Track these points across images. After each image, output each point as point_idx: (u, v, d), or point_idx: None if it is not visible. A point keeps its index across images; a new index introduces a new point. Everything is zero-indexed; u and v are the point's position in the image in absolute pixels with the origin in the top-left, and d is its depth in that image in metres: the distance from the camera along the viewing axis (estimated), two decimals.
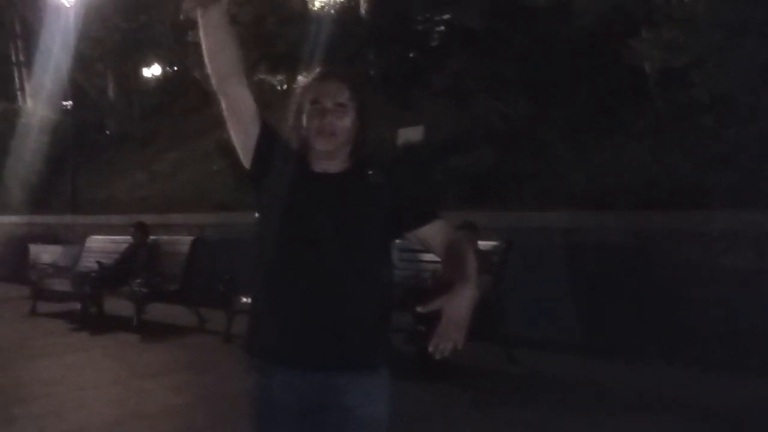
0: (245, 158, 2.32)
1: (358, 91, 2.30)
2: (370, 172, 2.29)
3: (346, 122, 2.25)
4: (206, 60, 2.28)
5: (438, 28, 14.02)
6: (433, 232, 2.34)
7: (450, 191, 8.75)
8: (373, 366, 2.25)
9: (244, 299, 7.55)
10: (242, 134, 2.31)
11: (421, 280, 6.71)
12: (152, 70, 23.53)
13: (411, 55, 13.71)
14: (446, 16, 13.62)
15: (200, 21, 2.24)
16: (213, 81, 2.29)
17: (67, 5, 14.33)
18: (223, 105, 2.31)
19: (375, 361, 2.26)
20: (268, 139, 2.30)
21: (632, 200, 7.37)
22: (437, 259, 2.45)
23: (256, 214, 2.34)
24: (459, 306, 2.04)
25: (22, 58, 21.90)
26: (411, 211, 2.31)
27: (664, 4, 8.41)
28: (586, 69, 9.40)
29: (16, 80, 22.29)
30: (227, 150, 12.97)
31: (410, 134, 10.88)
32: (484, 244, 6.76)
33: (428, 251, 2.43)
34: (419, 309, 2.09)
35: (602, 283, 7.10)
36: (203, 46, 2.27)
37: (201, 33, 2.25)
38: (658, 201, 7.16)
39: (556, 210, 7.80)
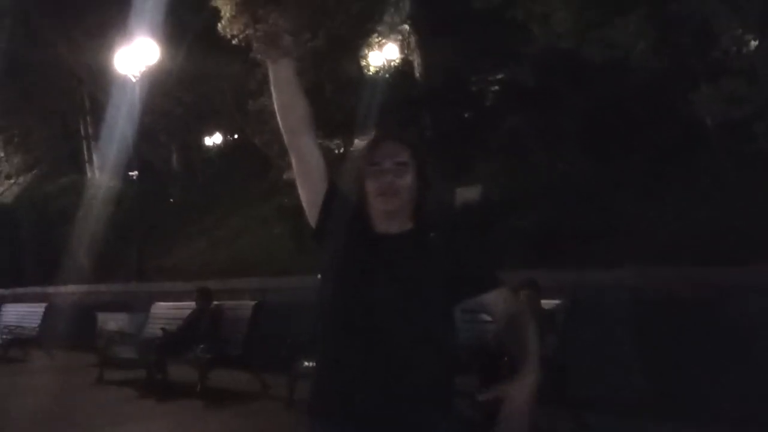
0: (311, 216, 2.33)
1: (417, 150, 2.32)
2: (432, 234, 2.27)
3: (407, 180, 2.25)
4: (278, 116, 2.35)
5: (492, 88, 14.14)
6: (494, 299, 2.31)
7: (511, 250, 8.67)
8: (431, 424, 2.19)
9: (306, 363, 7.53)
10: (311, 191, 2.33)
11: (484, 342, 6.60)
12: (213, 139, 24.22)
13: (466, 115, 13.81)
14: (500, 76, 13.73)
15: (271, 76, 2.33)
16: (285, 137, 2.35)
17: (133, 80, 14.88)
18: (294, 161, 2.35)
19: (435, 418, 2.20)
20: (334, 198, 2.32)
21: (699, 255, 7.19)
22: None
23: (318, 276, 2.34)
24: (521, 395, 2.01)
25: (90, 131, 22.75)
26: (471, 278, 2.28)
27: (723, 57, 8.34)
28: (646, 124, 9.31)
29: (85, 153, 23.12)
30: (287, 215, 13.18)
31: (468, 193, 10.87)
32: (547, 303, 6.64)
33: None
34: (480, 398, 2.05)
35: (672, 341, 6.88)
36: (275, 102, 2.35)
37: (272, 88, 2.34)
38: (726, 255, 6.97)
39: (621, 266, 7.65)
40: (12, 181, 24.36)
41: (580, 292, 6.90)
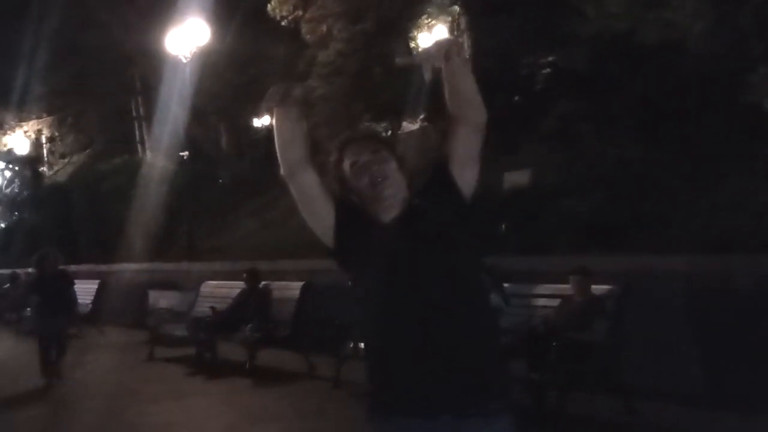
0: (326, 238, 2.43)
1: (383, 141, 2.49)
2: (416, 201, 2.39)
3: (391, 166, 2.39)
4: (279, 151, 2.44)
5: (544, 71, 13.92)
6: (453, 149, 2.40)
7: (561, 235, 8.56)
8: (493, 411, 2.22)
9: (352, 345, 7.57)
10: (319, 220, 2.43)
11: (532, 327, 6.54)
12: (262, 121, 24.36)
13: (516, 99, 13.64)
14: (552, 58, 13.52)
15: (276, 116, 2.41)
16: (284, 170, 2.44)
17: (184, 61, 15.02)
18: (295, 194, 2.45)
19: (494, 405, 2.23)
20: (344, 214, 2.42)
21: (756, 243, 7.01)
22: (550, 304, 2.44)
23: (350, 282, 2.43)
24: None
25: (142, 112, 23.08)
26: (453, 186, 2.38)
27: None
28: (702, 108, 9.09)
29: (137, 134, 23.48)
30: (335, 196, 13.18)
31: (517, 178, 10.76)
32: (598, 289, 6.56)
33: (456, 142, 2.43)
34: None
35: (726, 331, 6.73)
36: (276, 138, 2.43)
37: (276, 128, 2.43)
38: None
39: (676, 254, 7.49)
40: (66, 160, 24.88)
41: (632, 279, 6.78)
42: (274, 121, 2.42)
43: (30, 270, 9.84)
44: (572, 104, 10.63)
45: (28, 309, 9.94)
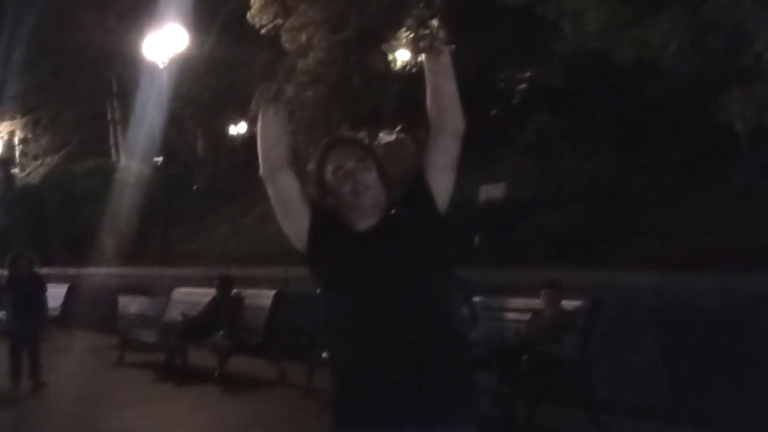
0: (299, 242, 2.42)
1: (369, 149, 2.46)
2: (393, 211, 2.38)
3: (373, 175, 2.37)
4: (261, 150, 2.41)
5: (520, 86, 14.04)
6: (431, 158, 2.41)
7: (534, 249, 8.64)
8: (459, 421, 2.24)
9: (324, 354, 7.56)
10: (293, 220, 2.41)
11: (504, 339, 6.59)
12: (239, 128, 24.30)
13: (493, 112, 13.74)
14: (528, 74, 13.64)
15: (262, 115, 2.39)
16: (263, 170, 2.42)
17: (161, 66, 14.97)
18: (272, 194, 2.42)
19: (461, 415, 2.25)
20: (319, 219, 2.41)
21: (726, 261, 7.11)
22: (521, 318, 2.47)
23: (318, 290, 2.41)
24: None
25: (117, 115, 22.91)
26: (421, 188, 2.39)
27: (755, 61, 8.23)
28: (675, 127, 9.22)
29: (111, 137, 23.29)
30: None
31: (492, 191, 10.83)
32: (569, 304, 6.62)
33: (437, 150, 2.44)
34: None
35: (694, 347, 6.83)
36: (259, 138, 2.41)
37: (260, 126, 2.40)
38: (752, 262, 6.89)
39: (647, 269, 7.58)
40: (39, 162, 24.61)
41: (603, 293, 6.85)
42: (260, 120, 2.40)
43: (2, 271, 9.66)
44: (548, 119, 10.73)
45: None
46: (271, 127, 2.40)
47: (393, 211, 2.38)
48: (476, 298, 6.96)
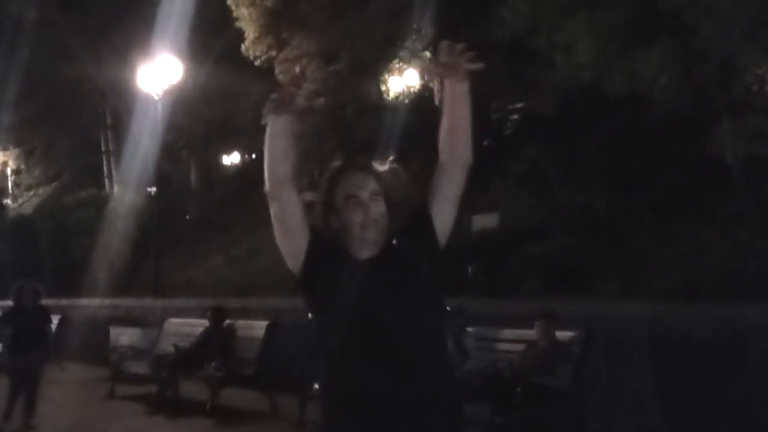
0: (294, 263, 2.38)
1: (381, 178, 2.42)
2: (394, 242, 2.37)
3: (382, 208, 2.36)
4: (267, 165, 2.38)
5: (512, 117, 14.13)
6: (436, 189, 2.41)
7: (527, 279, 8.63)
8: None
9: (317, 386, 7.51)
10: (293, 242, 2.38)
11: (497, 370, 6.55)
12: (232, 158, 24.36)
13: (485, 142, 13.80)
14: (520, 105, 13.73)
15: (270, 126, 2.35)
16: (269, 185, 2.38)
17: (156, 97, 15.02)
18: (276, 212, 2.39)
19: None
20: (318, 243, 2.38)
21: (718, 292, 7.12)
22: (514, 349, 2.47)
23: (310, 315, 2.39)
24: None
25: (111, 146, 22.95)
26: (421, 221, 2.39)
27: (745, 93, 8.31)
28: (667, 157, 9.28)
29: (105, 168, 23.31)
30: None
31: (485, 221, 10.85)
32: (562, 335, 6.59)
33: (441, 183, 2.45)
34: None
35: (688, 379, 6.80)
36: (267, 151, 2.37)
37: (268, 137, 2.37)
38: (745, 293, 6.89)
39: (639, 301, 7.58)
40: (32, 192, 24.58)
41: (596, 324, 6.84)
42: (268, 131, 2.36)
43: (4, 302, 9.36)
44: (540, 150, 10.78)
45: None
46: (279, 140, 2.36)
47: (394, 242, 2.36)
48: (469, 329, 6.94)
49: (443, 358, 2.36)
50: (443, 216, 2.40)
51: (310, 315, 2.39)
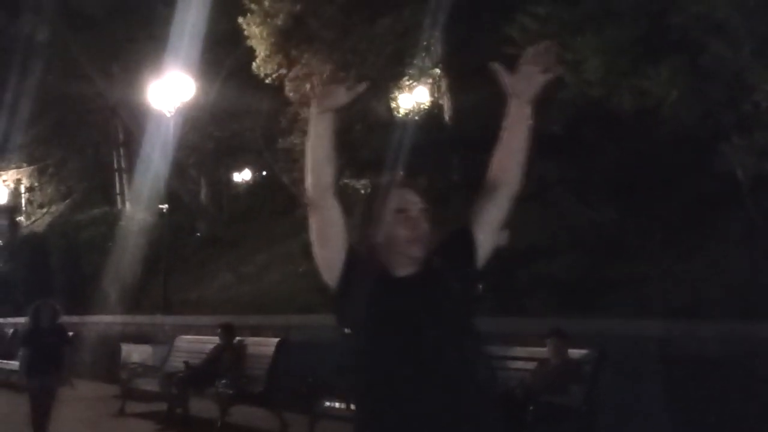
0: (330, 275, 2.31)
1: (428, 197, 2.38)
2: (435, 260, 2.32)
3: (427, 227, 2.32)
4: (311, 171, 2.27)
5: None
6: (480, 211, 2.39)
7: (537, 297, 8.61)
8: None
9: (327, 403, 7.50)
10: (330, 250, 2.31)
11: (509, 389, 6.53)
12: (242, 175, 24.44)
13: None
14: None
15: (313, 127, 2.28)
16: (312, 191, 2.28)
17: (168, 115, 15.11)
18: (317, 220, 2.31)
19: None
20: (355, 256, 2.32)
21: (730, 309, 7.08)
22: (526, 366, 2.45)
23: (347, 330, 2.32)
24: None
25: (123, 164, 23.07)
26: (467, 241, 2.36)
27: (753, 110, 8.30)
28: (676, 175, 9.26)
29: (117, 185, 23.43)
30: (312, 253, 13.21)
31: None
32: (574, 352, 6.57)
33: (490, 210, 2.43)
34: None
35: (700, 397, 6.76)
36: (310, 156, 2.27)
37: (311, 142, 2.28)
38: (757, 310, 6.86)
39: (650, 318, 7.55)
40: (44, 210, 24.71)
41: (605, 342, 6.81)
42: (311, 132, 2.27)
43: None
44: (549, 167, 10.78)
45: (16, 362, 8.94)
46: (324, 142, 2.27)
47: (435, 262, 2.32)
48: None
49: (484, 381, 2.32)
50: (485, 240, 2.38)
51: (345, 330, 2.31)
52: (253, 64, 15.68)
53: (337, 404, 7.50)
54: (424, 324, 2.21)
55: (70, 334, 11.50)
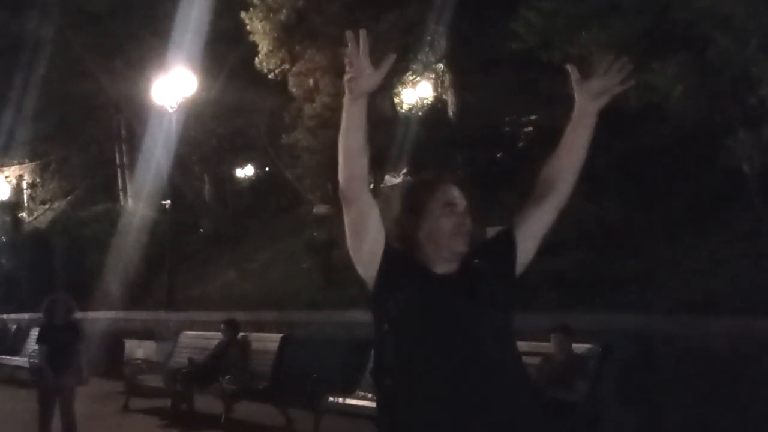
0: (367, 271, 2.26)
1: (470, 195, 2.37)
2: (475, 261, 2.30)
3: (471, 223, 2.31)
4: (344, 162, 2.20)
5: (525, 129, 14.12)
6: (526, 218, 2.40)
7: (542, 292, 8.58)
8: None
9: (331, 399, 7.49)
10: (367, 245, 2.24)
11: None
12: (245, 171, 24.44)
13: (498, 155, 13.80)
14: (533, 117, 13.73)
15: (347, 115, 2.18)
16: (346, 184, 2.20)
17: (170, 110, 15.09)
18: (352, 212, 2.22)
19: None
20: (393, 252, 2.27)
21: (736, 305, 7.05)
22: (529, 362, 2.43)
23: (386, 326, 2.24)
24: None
25: (126, 161, 23.07)
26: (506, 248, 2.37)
27: (760, 105, 8.26)
28: (682, 169, 9.23)
29: (119, 181, 23.43)
30: (316, 249, 13.21)
31: None
32: (578, 348, 6.55)
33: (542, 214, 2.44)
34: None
35: (706, 392, 6.73)
36: (344, 146, 2.19)
37: (346, 131, 2.18)
38: (763, 305, 6.83)
39: (656, 314, 7.52)
40: (47, 206, 24.72)
41: (611, 337, 6.79)
42: (344, 122, 2.17)
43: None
44: None
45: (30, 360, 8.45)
46: (359, 131, 2.18)
47: (476, 261, 2.30)
48: None
49: (523, 377, 2.31)
50: (526, 248, 2.37)
51: (384, 326, 2.23)
52: (256, 59, 15.67)
53: (341, 400, 7.49)
54: (466, 322, 2.19)
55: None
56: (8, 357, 13.67)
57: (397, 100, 18.21)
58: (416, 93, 18.09)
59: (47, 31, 20.01)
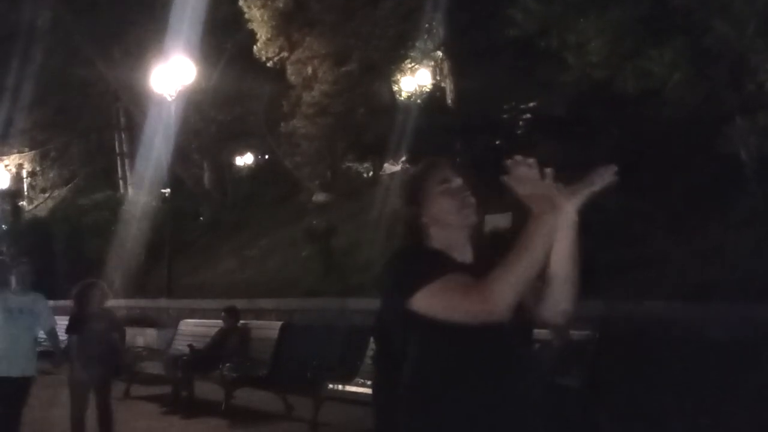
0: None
1: (470, 178, 2.39)
2: (486, 251, 2.35)
3: (472, 197, 2.33)
4: (525, 281, 2.22)
5: (524, 116, 14.10)
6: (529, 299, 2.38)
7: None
8: None
9: (331, 386, 7.54)
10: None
11: None
12: (245, 159, 24.46)
13: (497, 142, 13.78)
14: (532, 104, 13.71)
15: (558, 236, 2.30)
16: (500, 309, 2.14)
17: (169, 99, 15.09)
18: (473, 312, 2.17)
19: None
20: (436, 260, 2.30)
21: (733, 292, 7.08)
22: None
23: (428, 329, 2.24)
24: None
25: (125, 149, 23.08)
26: None
27: (757, 92, 8.26)
28: (680, 156, 9.23)
29: (119, 169, 23.44)
30: (316, 237, 13.24)
31: (498, 221, 10.82)
32: (576, 334, 6.58)
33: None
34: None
35: (703, 380, 6.78)
36: (535, 267, 2.26)
37: (553, 248, 2.30)
38: (761, 293, 6.85)
39: (653, 301, 7.55)
40: (47, 195, 24.75)
41: (608, 324, 6.83)
42: (551, 241, 2.27)
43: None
44: (552, 149, 10.75)
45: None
46: (571, 252, 2.39)
47: (485, 252, 2.34)
48: None
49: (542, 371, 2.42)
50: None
51: (428, 329, 2.21)
52: (255, 47, 15.67)
53: (340, 387, 7.55)
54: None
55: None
56: None
57: (395, 88, 18.20)
58: (415, 80, 18.07)
59: (46, 18, 19.98)
